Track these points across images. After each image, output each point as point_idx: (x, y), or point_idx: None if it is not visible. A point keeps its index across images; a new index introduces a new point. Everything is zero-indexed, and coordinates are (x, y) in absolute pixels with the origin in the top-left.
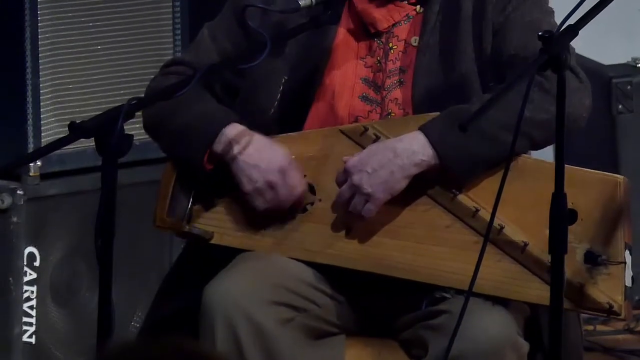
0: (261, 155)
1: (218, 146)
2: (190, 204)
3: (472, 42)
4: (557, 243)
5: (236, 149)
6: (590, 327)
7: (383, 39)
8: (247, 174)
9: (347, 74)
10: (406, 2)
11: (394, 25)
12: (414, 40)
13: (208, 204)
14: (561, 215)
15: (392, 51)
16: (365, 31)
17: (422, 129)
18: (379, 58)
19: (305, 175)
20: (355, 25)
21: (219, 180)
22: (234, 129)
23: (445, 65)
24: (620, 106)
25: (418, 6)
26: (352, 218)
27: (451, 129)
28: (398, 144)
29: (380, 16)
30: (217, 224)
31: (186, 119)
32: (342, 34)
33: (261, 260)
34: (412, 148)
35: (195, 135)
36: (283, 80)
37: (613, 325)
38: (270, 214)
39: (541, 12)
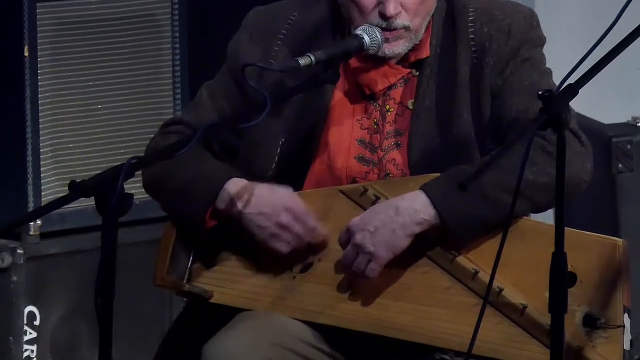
0: (264, 202)
1: (221, 204)
2: (190, 262)
3: (470, 106)
4: (557, 302)
5: (239, 204)
6: None
7: (380, 101)
8: (256, 224)
9: (343, 135)
10: (401, 65)
11: (389, 87)
12: (410, 104)
13: (208, 262)
14: (561, 274)
15: (389, 113)
16: (361, 92)
17: (423, 188)
18: (375, 120)
19: None
20: (351, 87)
21: (219, 239)
22: (234, 184)
23: (442, 129)
24: (620, 165)
25: (414, 69)
26: (355, 278)
27: (453, 190)
28: (400, 202)
29: (376, 78)
30: (217, 283)
31: (186, 178)
32: (338, 95)
33: (260, 319)
34: (414, 207)
35: (196, 193)
36: (280, 142)
37: None
38: (296, 252)
39: (539, 74)
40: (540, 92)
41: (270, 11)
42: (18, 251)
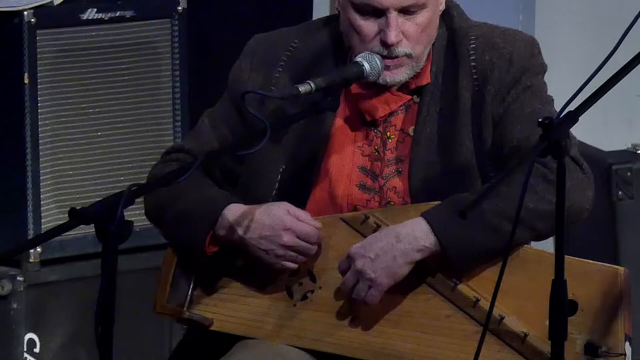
0: (264, 225)
1: (221, 230)
2: (190, 289)
3: (471, 133)
4: (557, 329)
5: (240, 231)
6: None
7: (380, 128)
8: (260, 249)
9: (345, 162)
10: (402, 92)
11: (390, 114)
12: (411, 130)
13: (208, 290)
14: (561, 302)
15: (389, 140)
16: (362, 119)
17: (424, 215)
18: (376, 147)
19: (305, 262)
20: (352, 113)
21: (219, 266)
22: (233, 210)
23: (443, 156)
24: (620, 192)
25: (415, 96)
26: (355, 305)
27: (454, 217)
28: (401, 229)
29: (377, 104)
30: (217, 311)
31: (187, 205)
32: (339, 121)
33: (260, 348)
34: (415, 234)
35: (195, 220)
36: (281, 169)
37: None
38: (298, 277)
39: (541, 101)
40: (540, 120)
41: (271, 38)
42: (18, 278)
